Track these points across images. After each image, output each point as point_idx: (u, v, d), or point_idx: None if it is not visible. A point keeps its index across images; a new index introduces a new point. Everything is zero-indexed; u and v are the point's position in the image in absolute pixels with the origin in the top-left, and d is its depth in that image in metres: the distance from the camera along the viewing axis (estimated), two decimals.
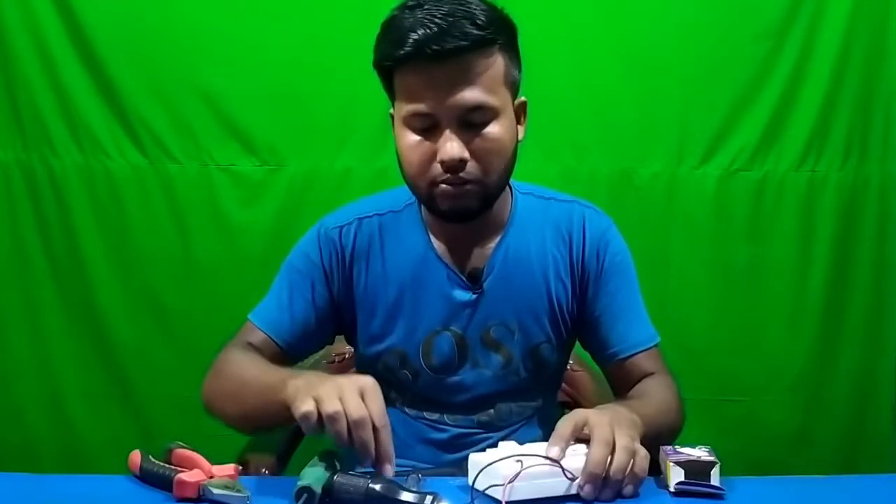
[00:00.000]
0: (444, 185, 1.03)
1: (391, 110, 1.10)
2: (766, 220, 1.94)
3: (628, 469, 0.87)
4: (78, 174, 1.89)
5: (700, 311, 1.94)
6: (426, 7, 0.99)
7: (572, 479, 0.85)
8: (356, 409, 0.84)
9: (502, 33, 1.03)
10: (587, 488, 0.86)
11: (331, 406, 0.84)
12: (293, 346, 1.14)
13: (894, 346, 1.99)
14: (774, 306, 1.96)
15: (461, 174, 1.02)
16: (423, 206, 1.14)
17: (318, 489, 0.81)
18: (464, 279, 1.13)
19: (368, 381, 0.88)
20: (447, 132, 1.01)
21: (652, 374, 1.15)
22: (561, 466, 0.85)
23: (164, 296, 1.91)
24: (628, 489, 0.87)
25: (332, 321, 1.16)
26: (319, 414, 0.85)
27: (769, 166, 1.93)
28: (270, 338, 1.13)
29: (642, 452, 0.89)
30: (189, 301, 1.91)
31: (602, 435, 0.87)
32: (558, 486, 0.86)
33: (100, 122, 1.88)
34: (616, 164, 1.91)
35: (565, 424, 0.90)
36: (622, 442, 0.87)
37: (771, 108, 1.91)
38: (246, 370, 1.06)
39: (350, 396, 0.85)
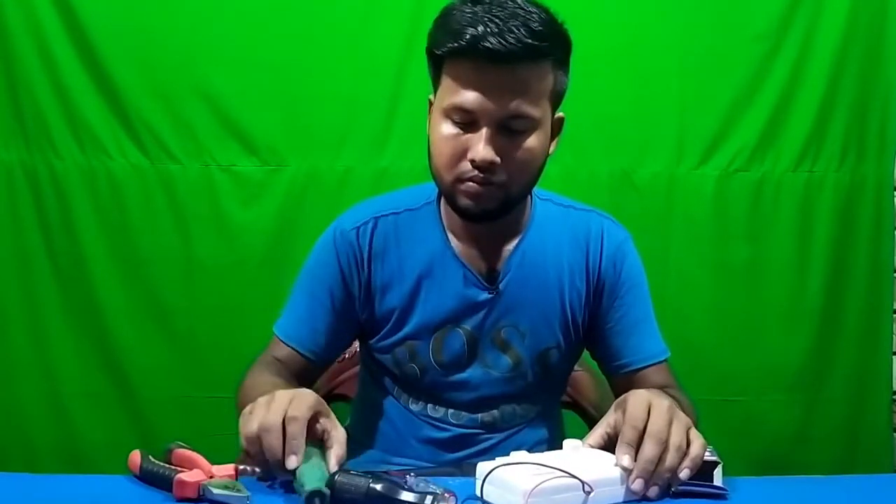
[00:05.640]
0: (469, 183, 1.03)
1: (430, 96, 1.09)
2: (764, 220, 1.94)
3: (681, 463, 0.85)
4: (80, 174, 1.89)
5: (699, 311, 1.94)
6: (487, 5, 0.99)
7: (589, 493, 0.82)
8: (265, 418, 0.84)
9: (557, 48, 1.02)
10: (637, 483, 0.84)
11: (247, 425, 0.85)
12: (319, 355, 1.15)
13: (890, 346, 1.99)
14: (772, 306, 1.96)
15: (489, 176, 1.02)
16: (441, 204, 1.15)
17: (327, 490, 0.81)
18: (480, 279, 1.13)
19: (301, 392, 0.88)
20: (484, 133, 1.01)
21: (663, 387, 1.14)
22: (581, 480, 0.81)
23: (165, 295, 1.91)
24: (684, 473, 0.85)
25: (355, 322, 1.16)
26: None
27: (767, 167, 1.94)
28: (296, 350, 1.14)
29: (699, 441, 0.87)
30: (190, 301, 1.90)
31: (658, 434, 0.85)
32: (575, 501, 0.82)
33: (101, 122, 1.89)
34: (616, 164, 1.91)
35: (631, 432, 0.86)
36: (675, 440, 0.85)
37: (769, 109, 1.92)
38: (256, 389, 1.03)
39: (272, 408, 0.85)
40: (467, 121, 1.02)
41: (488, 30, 0.97)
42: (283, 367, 1.13)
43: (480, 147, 1.00)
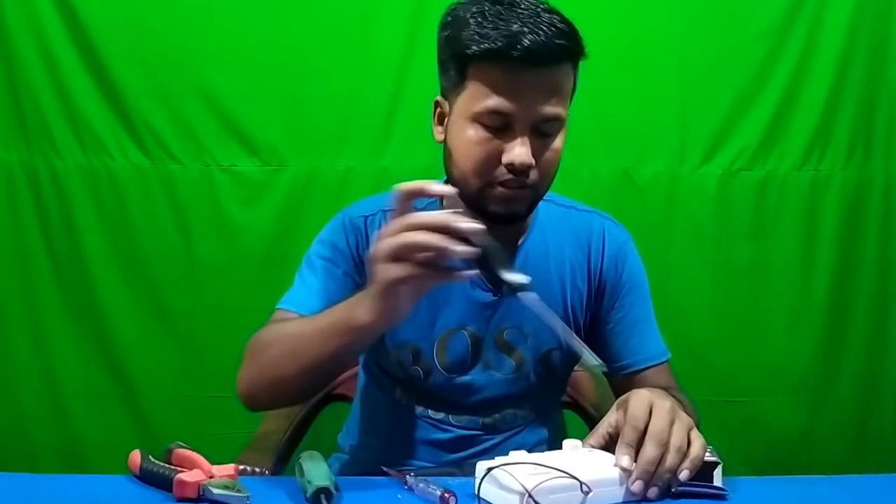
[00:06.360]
0: (501, 188, 1.02)
1: (438, 98, 1.08)
2: (769, 219, 1.94)
3: (681, 464, 0.85)
4: (80, 174, 1.89)
5: (702, 312, 1.94)
6: (507, 5, 0.97)
7: (587, 493, 0.82)
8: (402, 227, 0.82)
9: (581, 47, 1.02)
10: (637, 485, 0.83)
11: (389, 249, 0.82)
12: None
13: None
14: (777, 307, 1.95)
15: (523, 178, 1.01)
16: (444, 205, 1.13)
17: (333, 488, 0.81)
18: (485, 280, 1.12)
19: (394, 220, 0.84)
20: (520, 136, 1.00)
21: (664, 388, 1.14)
22: (579, 480, 0.81)
23: (166, 295, 1.91)
24: (684, 474, 0.85)
25: None
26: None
27: (771, 166, 1.93)
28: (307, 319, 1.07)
29: (699, 441, 0.87)
30: (190, 300, 1.90)
31: (659, 435, 0.85)
32: (573, 501, 0.82)
33: (102, 122, 1.88)
34: (617, 163, 1.91)
35: (630, 434, 0.86)
36: (675, 441, 0.85)
37: (773, 107, 1.91)
38: (291, 329, 1.00)
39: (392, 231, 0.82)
40: (500, 124, 1.00)
41: (525, 29, 0.95)
42: None
43: (518, 150, 0.99)
